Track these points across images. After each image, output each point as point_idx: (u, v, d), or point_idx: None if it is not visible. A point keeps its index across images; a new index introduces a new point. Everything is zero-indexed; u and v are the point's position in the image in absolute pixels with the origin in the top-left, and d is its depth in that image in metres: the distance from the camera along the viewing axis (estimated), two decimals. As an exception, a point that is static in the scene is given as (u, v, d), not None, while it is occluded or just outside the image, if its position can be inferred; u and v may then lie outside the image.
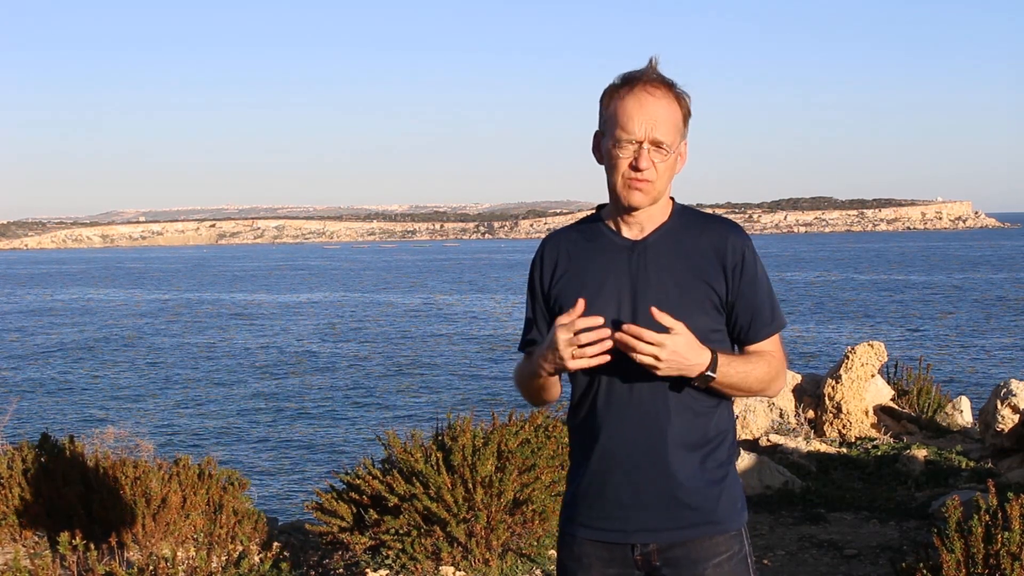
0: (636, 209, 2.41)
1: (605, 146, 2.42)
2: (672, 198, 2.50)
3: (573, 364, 2.30)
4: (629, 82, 2.39)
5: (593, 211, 2.58)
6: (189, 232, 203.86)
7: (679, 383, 2.37)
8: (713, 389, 2.38)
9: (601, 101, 2.44)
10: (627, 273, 2.42)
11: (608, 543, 2.45)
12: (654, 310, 2.29)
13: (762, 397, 4.78)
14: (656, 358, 2.25)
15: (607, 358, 2.30)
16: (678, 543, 2.41)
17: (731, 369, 2.35)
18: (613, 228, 2.48)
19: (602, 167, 2.46)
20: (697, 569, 2.41)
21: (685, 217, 2.48)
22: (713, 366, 2.32)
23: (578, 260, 2.48)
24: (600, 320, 2.28)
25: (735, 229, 2.47)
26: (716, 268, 2.41)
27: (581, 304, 2.30)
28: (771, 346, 2.45)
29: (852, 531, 6.50)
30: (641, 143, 2.36)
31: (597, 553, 2.46)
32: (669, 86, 2.40)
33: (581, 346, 2.28)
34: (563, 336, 2.29)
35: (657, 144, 2.36)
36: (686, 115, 2.42)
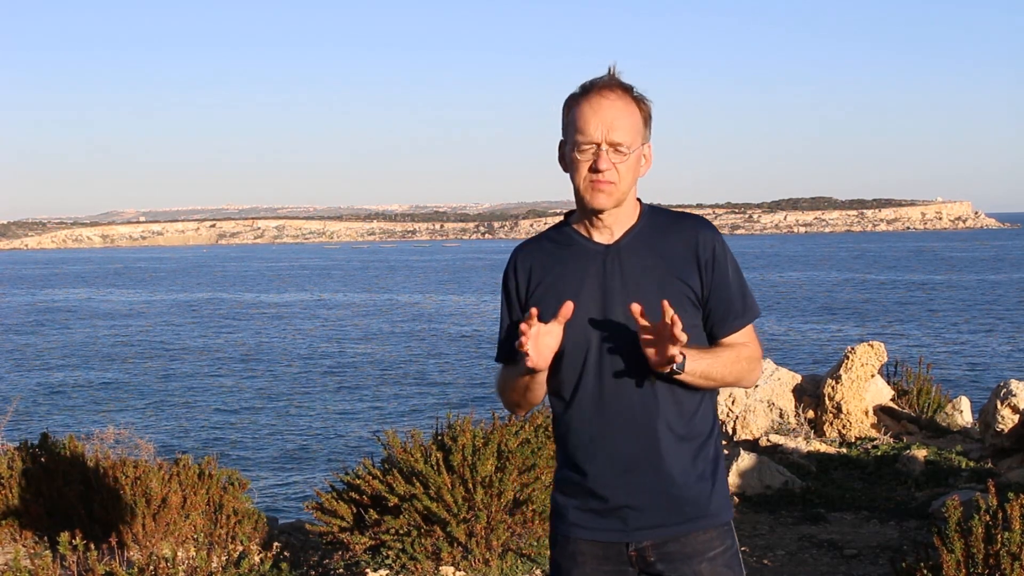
0: (601, 211, 2.45)
1: (567, 152, 2.46)
2: (639, 200, 2.54)
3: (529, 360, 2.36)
4: (586, 89, 2.44)
5: (561, 219, 2.62)
6: (189, 232, 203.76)
7: (666, 379, 2.41)
8: (686, 382, 2.42)
9: (562, 111, 2.49)
10: (602, 277, 2.46)
11: (604, 542, 2.47)
12: (635, 307, 2.33)
13: (739, 387, 4.78)
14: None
15: (552, 352, 2.38)
16: (672, 538, 2.44)
17: (698, 358, 2.39)
18: (584, 234, 2.51)
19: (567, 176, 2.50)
20: (692, 563, 2.44)
21: (655, 217, 2.52)
22: (681, 362, 2.36)
23: (553, 269, 2.52)
24: (534, 312, 2.34)
25: (704, 224, 2.51)
26: (690, 265, 2.46)
27: (569, 306, 2.35)
28: (744, 337, 2.50)
29: (852, 531, 6.50)
30: (599, 145, 2.40)
31: (592, 551, 2.49)
32: (626, 89, 2.44)
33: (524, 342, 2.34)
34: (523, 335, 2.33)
35: (614, 145, 2.40)
36: (646, 118, 2.47)
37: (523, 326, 2.34)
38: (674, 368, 2.35)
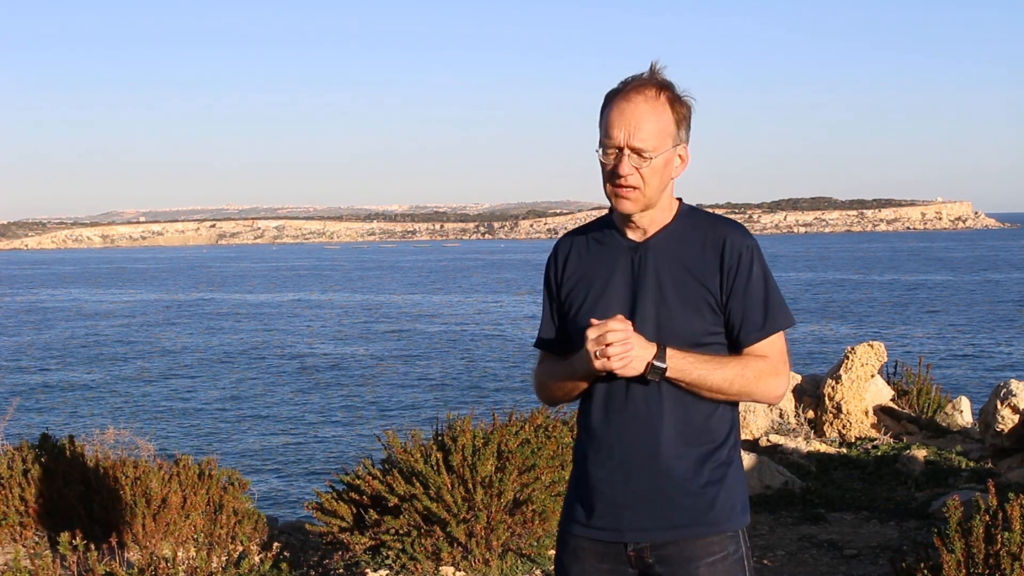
0: (628, 215, 2.43)
1: (598, 153, 2.43)
2: (680, 200, 2.51)
3: (598, 364, 2.32)
4: (619, 88, 2.40)
5: (607, 212, 2.59)
6: (189, 232, 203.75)
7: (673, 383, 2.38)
8: (685, 388, 2.38)
9: (600, 108, 2.46)
10: (629, 274, 2.44)
11: (601, 541, 2.47)
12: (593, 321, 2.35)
13: (757, 402, 4.67)
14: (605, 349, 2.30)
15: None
16: (671, 541, 2.41)
17: (688, 365, 2.34)
18: (620, 229, 2.50)
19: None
20: (690, 568, 2.41)
21: (690, 219, 2.48)
22: (661, 357, 2.32)
23: (587, 261, 2.52)
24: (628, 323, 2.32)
25: (737, 230, 2.45)
26: (713, 269, 2.41)
27: (623, 321, 2.35)
28: (764, 350, 2.42)
29: (852, 531, 6.50)
30: (621, 149, 2.36)
31: (591, 548, 2.49)
32: (660, 89, 2.38)
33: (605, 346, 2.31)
34: (592, 335, 2.32)
35: (637, 151, 2.35)
36: (680, 120, 2.40)
37: (617, 323, 2.32)
38: (649, 375, 2.33)
